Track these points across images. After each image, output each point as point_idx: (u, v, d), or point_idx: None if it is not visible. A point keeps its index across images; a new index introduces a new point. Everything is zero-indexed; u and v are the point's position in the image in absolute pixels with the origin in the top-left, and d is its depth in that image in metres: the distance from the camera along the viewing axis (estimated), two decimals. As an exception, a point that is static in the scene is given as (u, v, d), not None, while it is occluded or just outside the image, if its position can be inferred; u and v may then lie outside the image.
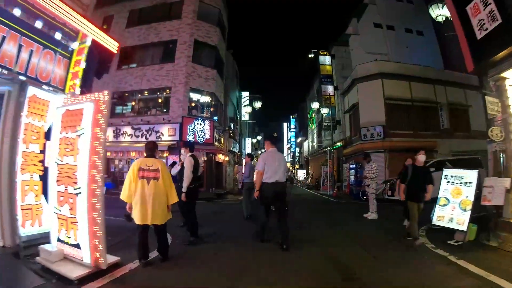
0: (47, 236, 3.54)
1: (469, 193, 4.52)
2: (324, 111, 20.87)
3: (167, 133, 14.08)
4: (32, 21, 4.33)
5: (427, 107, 15.69)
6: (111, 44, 4.69)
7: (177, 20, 15.72)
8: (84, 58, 4.44)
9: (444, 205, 4.74)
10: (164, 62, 15.35)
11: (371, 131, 15.13)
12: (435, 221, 4.85)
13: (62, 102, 3.66)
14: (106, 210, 3.02)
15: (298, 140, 43.97)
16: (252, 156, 8.19)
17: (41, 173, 3.90)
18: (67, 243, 3.26)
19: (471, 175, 4.61)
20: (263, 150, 4.98)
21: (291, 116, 48.58)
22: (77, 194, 3.04)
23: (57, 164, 3.36)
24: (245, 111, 25.67)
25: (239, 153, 24.09)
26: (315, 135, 28.55)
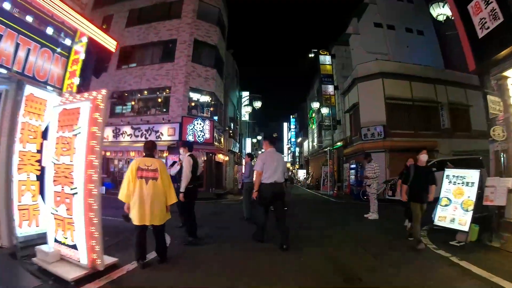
0: (44, 237, 3.51)
1: (471, 193, 4.48)
2: (324, 111, 20.83)
3: (167, 133, 14.04)
4: (30, 20, 4.30)
5: (428, 107, 15.64)
6: (109, 43, 4.64)
7: (177, 20, 15.67)
8: (82, 57, 4.38)
9: (446, 205, 4.69)
10: (164, 62, 15.30)
11: (372, 131, 15.08)
12: (437, 222, 4.80)
13: (59, 101, 3.62)
14: (105, 210, 2.98)
15: (298, 140, 43.94)
16: (252, 156, 8.14)
17: (38, 173, 3.87)
18: (64, 244, 3.22)
19: (473, 175, 4.56)
20: (263, 150, 4.95)
21: (291, 116, 48.54)
22: (74, 194, 3.00)
23: (54, 164, 3.32)
24: (245, 111, 25.62)
25: (239, 153, 24.04)
26: (315, 135, 28.50)
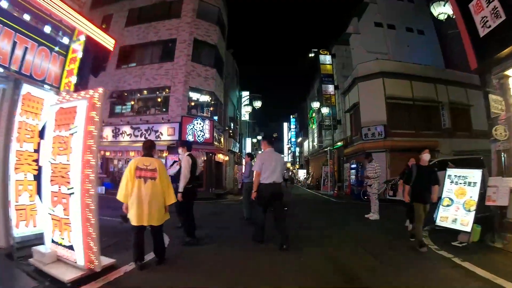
0: (42, 237, 3.46)
1: (474, 193, 4.42)
2: (325, 111, 20.78)
3: (166, 133, 13.99)
4: (27, 18, 4.25)
5: (429, 107, 15.59)
6: (107, 41, 4.59)
7: (177, 19, 15.62)
8: (80, 56, 4.34)
9: (448, 206, 4.64)
10: (164, 61, 15.25)
11: (372, 131, 15.02)
12: (439, 222, 4.75)
13: (56, 100, 3.57)
14: (103, 211, 2.94)
15: (299, 140, 43.89)
16: (252, 156, 8.09)
17: (36, 173, 3.82)
18: (61, 245, 3.18)
19: (475, 175, 4.50)
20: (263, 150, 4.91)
21: (291, 116, 48.48)
22: (71, 194, 2.95)
23: (51, 164, 3.28)
24: (245, 111, 25.56)
25: (239, 153, 23.99)
26: (316, 135, 28.44)
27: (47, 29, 4.40)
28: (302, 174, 35.91)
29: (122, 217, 3.46)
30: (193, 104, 15.20)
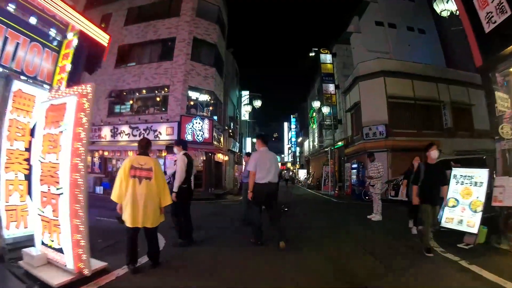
0: (33, 239, 3.34)
1: (480, 194, 4.27)
2: (325, 110, 20.64)
3: (165, 132, 13.85)
4: (20, 13, 4.14)
5: (430, 106, 15.42)
6: (102, 37, 4.47)
7: (176, 18, 15.49)
8: (73, 51, 4.21)
9: (454, 206, 4.48)
10: (163, 60, 15.11)
11: (373, 130, 14.86)
12: (444, 223, 4.59)
13: (47, 97, 3.45)
14: (101, 211, 2.81)
15: (299, 140, 43.70)
16: (252, 156, 7.95)
17: (27, 172, 3.68)
18: (51, 247, 3.05)
19: (482, 175, 4.35)
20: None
21: (292, 116, 48.30)
22: (60, 195, 2.82)
23: (40, 163, 3.15)
24: (245, 110, 25.42)
25: (239, 153, 23.84)
26: (316, 135, 28.29)
27: (40, 25, 4.29)
28: (303, 174, 35.71)
29: (118, 219, 3.33)
30: (193, 104, 15.05)
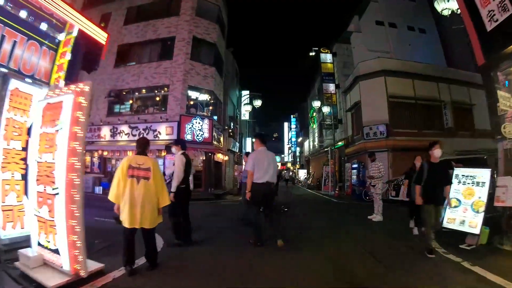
0: (30, 240, 3.29)
1: (482, 194, 4.22)
2: (326, 110, 20.57)
3: (165, 132, 13.79)
4: (17, 11, 4.08)
5: (431, 106, 15.35)
6: (100, 35, 4.41)
7: (175, 17, 15.42)
8: (70, 49, 4.16)
9: (455, 207, 4.43)
10: (162, 60, 15.05)
11: (374, 130, 14.80)
12: (446, 224, 4.54)
13: (44, 95, 3.40)
14: (99, 211, 2.77)
15: (299, 140, 43.64)
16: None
17: (23, 172, 3.63)
18: (47, 248, 3.00)
19: (484, 175, 4.30)
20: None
21: (292, 116, 48.22)
22: (55, 195, 2.77)
23: (37, 162, 3.10)
24: (245, 110, 25.35)
25: (239, 153, 23.78)
26: (316, 135, 28.22)
27: (38, 23, 4.23)
28: (303, 174, 35.66)
29: (116, 219, 3.28)
30: (192, 103, 15.00)
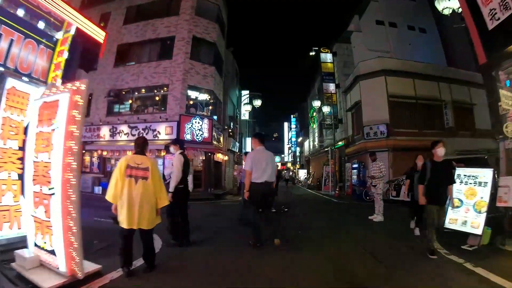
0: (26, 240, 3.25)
1: (484, 194, 4.17)
2: (326, 110, 20.52)
3: (164, 132, 13.74)
4: (14, 10, 4.04)
5: (431, 105, 15.30)
6: (98, 33, 4.37)
7: (175, 16, 15.38)
8: (67, 48, 4.11)
9: (457, 207, 4.38)
10: (162, 59, 15.00)
11: (374, 130, 14.75)
12: (447, 224, 4.49)
13: (41, 94, 3.36)
14: (98, 211, 2.72)
15: (299, 140, 43.59)
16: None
17: (20, 172, 3.58)
18: (43, 249, 2.95)
19: (486, 174, 4.25)
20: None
21: (292, 116, 48.17)
22: (51, 195, 2.72)
23: (33, 162, 3.06)
24: (245, 110, 25.29)
25: (239, 152, 23.74)
26: (316, 134, 28.18)
27: (35, 21, 4.19)
28: (303, 174, 35.61)
29: (113, 219, 3.23)
30: (192, 103, 14.95)
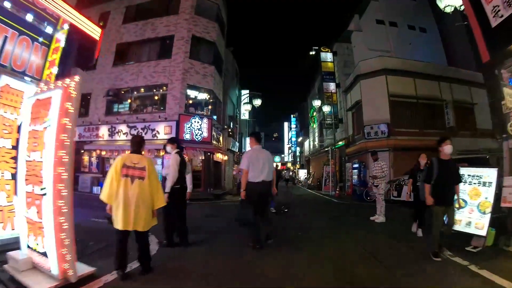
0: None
1: (489, 194, 4.08)
2: (326, 109, 20.42)
3: (163, 131, 13.64)
4: (8, 5, 3.96)
5: (432, 105, 15.20)
6: (93, 30, 4.28)
7: (175, 16, 15.29)
8: (63, 45, 4.03)
9: (461, 208, 4.29)
10: (161, 58, 14.90)
11: (375, 129, 14.65)
12: (451, 225, 4.40)
13: (34, 92, 3.27)
14: (96, 212, 2.63)
15: (299, 140, 43.50)
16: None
17: (14, 171, 3.51)
18: (36, 251, 2.87)
19: (491, 174, 4.16)
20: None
21: (292, 115, 48.06)
22: (43, 195, 2.63)
23: (26, 161, 2.97)
24: (245, 109, 25.18)
25: (239, 152, 23.64)
26: (317, 134, 28.08)
27: (29, 18, 4.11)
28: (303, 174, 35.52)
29: (108, 219, 3.14)
30: (191, 102, 14.86)
